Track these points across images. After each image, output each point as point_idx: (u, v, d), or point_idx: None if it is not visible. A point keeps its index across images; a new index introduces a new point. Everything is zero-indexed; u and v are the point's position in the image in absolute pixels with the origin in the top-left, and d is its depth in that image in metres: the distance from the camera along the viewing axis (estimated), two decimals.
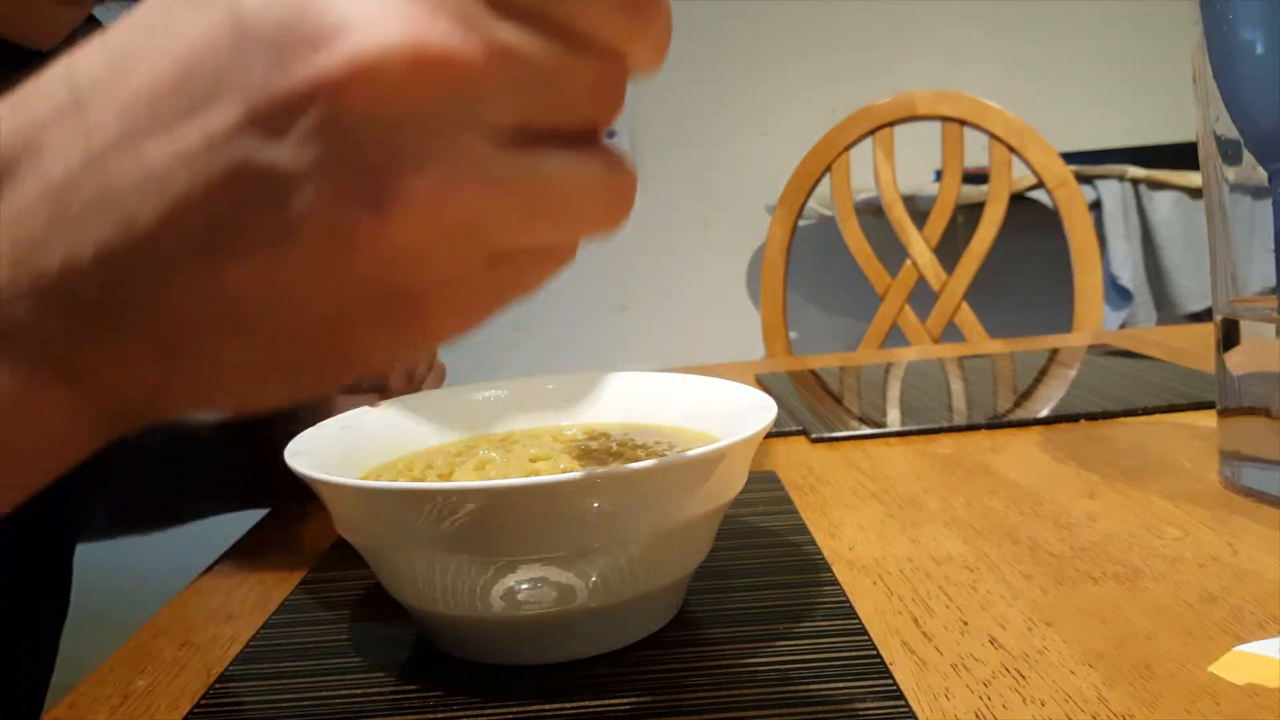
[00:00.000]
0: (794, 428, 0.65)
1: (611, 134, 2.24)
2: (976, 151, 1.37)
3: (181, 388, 0.21)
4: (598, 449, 0.42)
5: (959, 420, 0.63)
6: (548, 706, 0.32)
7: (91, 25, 0.55)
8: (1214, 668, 0.32)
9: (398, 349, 0.21)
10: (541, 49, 0.19)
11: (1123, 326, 1.74)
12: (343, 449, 0.41)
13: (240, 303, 0.19)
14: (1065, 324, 1.29)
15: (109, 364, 0.20)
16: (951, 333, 1.32)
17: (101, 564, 0.65)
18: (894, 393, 0.77)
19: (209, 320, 0.19)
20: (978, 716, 0.30)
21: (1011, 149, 1.29)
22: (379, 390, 0.58)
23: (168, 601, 0.45)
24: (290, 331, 0.20)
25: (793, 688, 0.32)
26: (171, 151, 0.18)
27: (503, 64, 0.18)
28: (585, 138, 0.21)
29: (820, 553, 0.43)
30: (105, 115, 0.19)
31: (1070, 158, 1.38)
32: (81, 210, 0.19)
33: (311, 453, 0.38)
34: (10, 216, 0.19)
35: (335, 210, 0.18)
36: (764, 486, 0.53)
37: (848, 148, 1.35)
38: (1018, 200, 1.44)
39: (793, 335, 1.61)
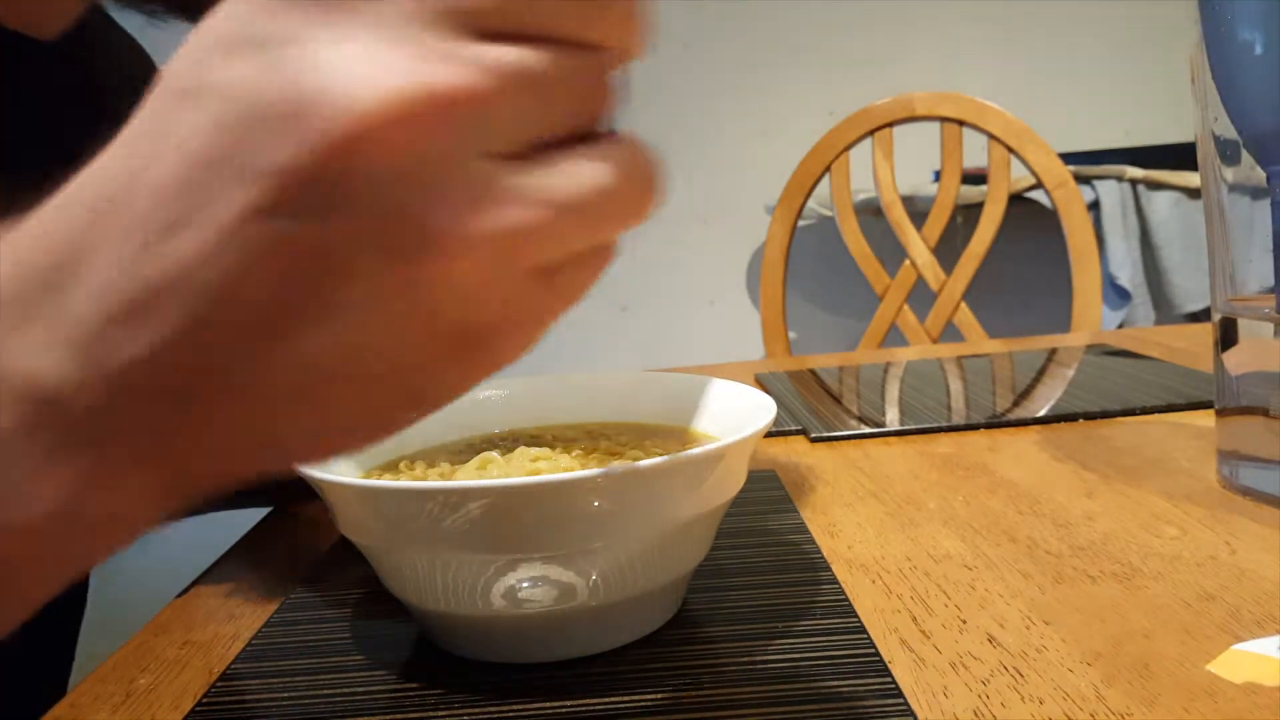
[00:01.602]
0: (793, 427, 0.65)
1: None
2: (975, 152, 1.37)
3: (265, 452, 0.21)
4: (598, 449, 0.42)
5: (958, 420, 0.63)
6: (548, 705, 0.33)
7: (95, 16, 0.55)
8: (1212, 666, 0.32)
9: (472, 379, 0.21)
10: (526, 62, 0.19)
11: (1121, 326, 1.74)
12: None
13: (315, 367, 0.19)
14: (1064, 324, 1.29)
15: (186, 440, 0.20)
16: (950, 332, 1.32)
17: (102, 563, 0.65)
18: (893, 392, 0.77)
19: (287, 388, 0.20)
20: (976, 715, 0.30)
21: (1010, 149, 1.30)
22: None
23: (170, 600, 0.45)
24: (370, 383, 0.20)
25: (792, 686, 0.32)
26: (198, 244, 0.18)
27: (493, 86, 0.18)
28: (594, 136, 0.21)
29: (819, 551, 0.43)
30: (130, 220, 0.19)
31: (1069, 158, 1.39)
32: (136, 309, 0.19)
33: None
34: (70, 319, 0.20)
35: (377, 265, 0.18)
36: (764, 486, 0.53)
37: (847, 148, 1.36)
38: (1016, 200, 1.44)
39: (792, 335, 1.61)
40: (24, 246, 0.20)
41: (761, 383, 0.81)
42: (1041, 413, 0.64)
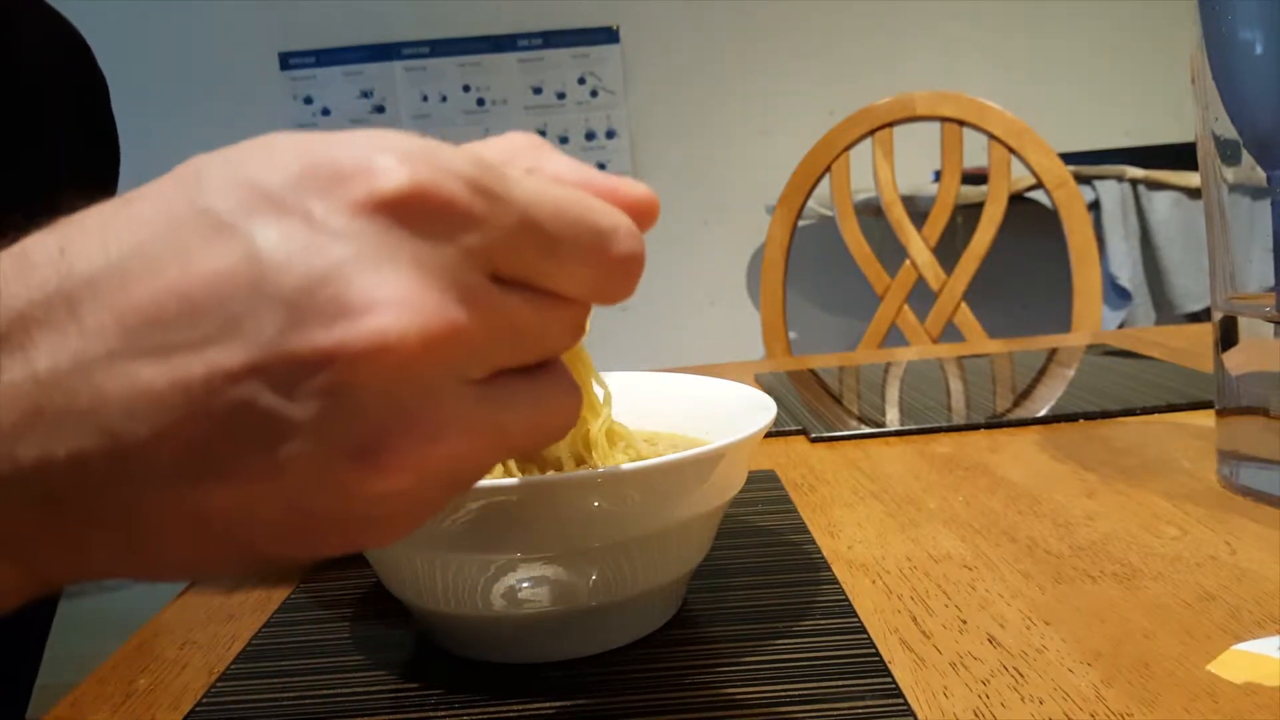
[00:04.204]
0: (793, 427, 0.65)
1: (611, 134, 2.24)
2: (976, 152, 1.37)
3: (130, 570, 0.21)
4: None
5: (958, 420, 0.63)
6: (548, 705, 0.33)
7: None
8: (1212, 666, 0.32)
9: (347, 549, 0.22)
10: (526, 310, 0.21)
11: (1121, 326, 1.74)
12: None
13: (212, 519, 0.19)
14: (1064, 324, 1.29)
15: (66, 552, 0.20)
16: (950, 332, 1.32)
17: None
18: (893, 392, 0.77)
19: (178, 529, 0.20)
20: (976, 715, 0.30)
21: (1010, 149, 1.30)
22: None
23: (170, 600, 0.45)
24: (252, 540, 0.20)
25: (792, 686, 0.32)
26: (170, 379, 0.18)
27: (494, 329, 0.20)
28: (543, 364, 0.23)
29: (819, 552, 0.43)
30: (102, 321, 0.18)
31: (1069, 158, 1.39)
32: (64, 411, 0.18)
33: None
34: None
35: (325, 461, 0.19)
36: (764, 486, 0.53)
37: (847, 148, 1.35)
38: (1017, 200, 1.44)
39: (792, 335, 1.61)
40: None
41: (761, 383, 0.81)
42: (1042, 413, 0.64)
